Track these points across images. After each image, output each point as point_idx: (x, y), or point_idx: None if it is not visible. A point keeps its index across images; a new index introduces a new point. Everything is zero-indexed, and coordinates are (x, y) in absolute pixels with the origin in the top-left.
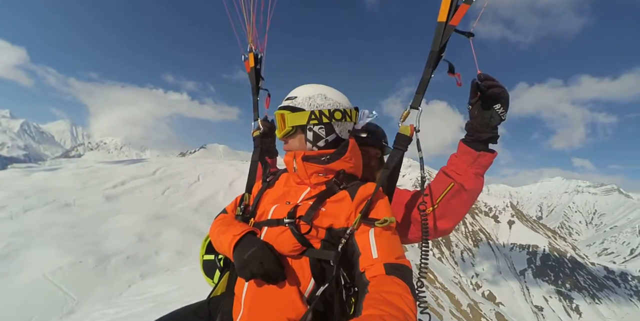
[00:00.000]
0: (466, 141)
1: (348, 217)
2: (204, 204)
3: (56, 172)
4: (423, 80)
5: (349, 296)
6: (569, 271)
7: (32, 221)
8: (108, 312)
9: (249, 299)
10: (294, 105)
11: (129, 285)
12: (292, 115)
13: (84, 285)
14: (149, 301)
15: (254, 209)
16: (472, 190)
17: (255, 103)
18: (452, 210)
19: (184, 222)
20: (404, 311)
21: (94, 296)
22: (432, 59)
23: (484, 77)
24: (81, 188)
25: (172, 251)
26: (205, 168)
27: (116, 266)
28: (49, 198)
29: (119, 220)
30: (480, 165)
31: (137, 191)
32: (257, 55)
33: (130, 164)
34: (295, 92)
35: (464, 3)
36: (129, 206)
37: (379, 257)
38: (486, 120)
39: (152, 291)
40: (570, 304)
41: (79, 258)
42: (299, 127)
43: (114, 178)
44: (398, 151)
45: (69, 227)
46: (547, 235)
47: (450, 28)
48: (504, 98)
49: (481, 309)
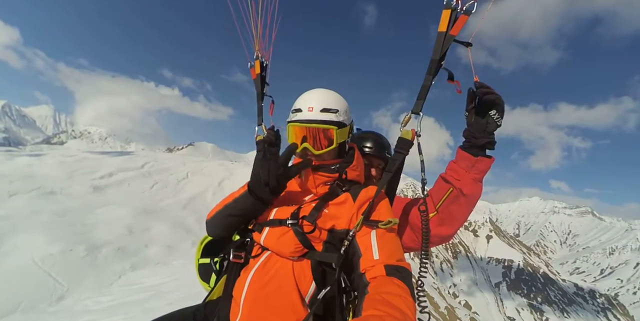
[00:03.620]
0: (464, 147)
1: (350, 219)
2: (192, 201)
3: (41, 158)
4: (424, 87)
5: (349, 301)
6: (541, 286)
7: (17, 206)
8: (101, 300)
9: (249, 302)
10: (339, 121)
11: (119, 275)
12: (340, 132)
13: (74, 273)
14: (144, 290)
15: None
16: (471, 195)
17: (260, 109)
18: (452, 215)
19: (172, 217)
20: (403, 312)
21: (84, 284)
22: (433, 66)
23: (479, 85)
24: (67, 177)
25: (162, 245)
26: (195, 165)
27: (107, 257)
28: (34, 185)
29: (107, 211)
30: (478, 171)
31: (125, 184)
32: (262, 63)
33: (118, 156)
34: (332, 103)
35: (463, 14)
36: (117, 198)
37: (380, 258)
38: (483, 126)
39: (144, 282)
40: (540, 317)
41: (69, 246)
42: (340, 143)
43: (101, 169)
44: (400, 155)
45: (57, 215)
46: (522, 250)
47: (450, 37)
48: (499, 104)
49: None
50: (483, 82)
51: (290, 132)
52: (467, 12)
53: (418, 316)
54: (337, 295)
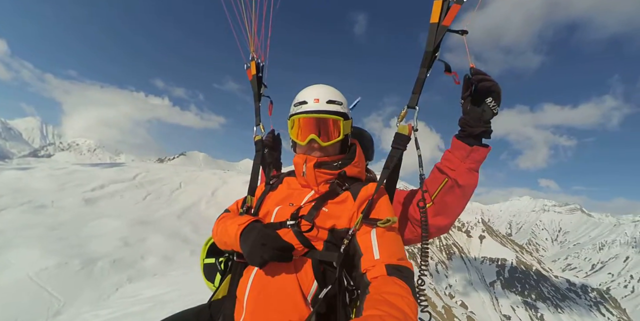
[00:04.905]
0: (459, 136)
1: (350, 218)
2: (186, 211)
3: (29, 171)
4: (419, 80)
5: (352, 299)
6: (534, 283)
7: (8, 221)
8: (100, 313)
9: (252, 301)
10: (345, 112)
11: (116, 288)
12: (346, 123)
13: (71, 286)
14: (144, 301)
15: (256, 211)
16: (466, 185)
17: (257, 109)
18: (447, 206)
19: (168, 228)
20: (404, 312)
21: (81, 298)
22: (427, 59)
23: (475, 72)
24: (58, 189)
25: (159, 257)
26: (187, 175)
27: (102, 270)
28: (24, 199)
29: (101, 224)
30: (473, 160)
31: (118, 195)
32: (258, 64)
33: (109, 168)
34: (336, 96)
35: (455, 3)
36: (110, 210)
37: (381, 258)
38: (478, 114)
39: (143, 294)
40: (535, 313)
41: (64, 260)
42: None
43: (92, 181)
44: (397, 150)
45: (50, 228)
46: (514, 249)
47: (443, 28)
48: (495, 91)
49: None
50: (479, 69)
51: (295, 124)
52: (458, 1)
53: (419, 315)
54: (339, 293)
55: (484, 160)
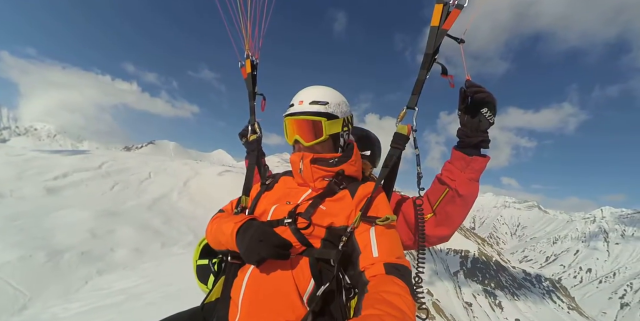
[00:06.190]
0: (458, 147)
1: (348, 215)
2: (157, 202)
3: None
4: (418, 81)
5: (349, 298)
6: (494, 273)
7: None
8: (70, 307)
9: (247, 302)
10: (329, 112)
11: (85, 281)
12: (330, 123)
13: (36, 280)
14: (117, 294)
15: (252, 211)
16: (467, 195)
17: (252, 108)
18: (448, 216)
19: (138, 219)
20: (402, 311)
21: (48, 292)
22: (427, 61)
23: (469, 84)
24: (16, 178)
25: (129, 249)
26: (157, 165)
27: (70, 262)
28: None
29: (65, 214)
30: (473, 170)
31: (83, 185)
32: (253, 62)
33: (72, 155)
34: (323, 96)
35: (455, 8)
36: (75, 201)
37: (379, 256)
38: (475, 124)
39: (114, 287)
40: (494, 300)
41: (28, 252)
42: (332, 135)
43: (54, 169)
44: (396, 150)
45: (10, 219)
46: (477, 242)
47: (443, 32)
48: (490, 102)
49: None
50: (473, 82)
51: (284, 126)
52: (459, 6)
53: (417, 313)
54: (337, 292)
55: (483, 170)
